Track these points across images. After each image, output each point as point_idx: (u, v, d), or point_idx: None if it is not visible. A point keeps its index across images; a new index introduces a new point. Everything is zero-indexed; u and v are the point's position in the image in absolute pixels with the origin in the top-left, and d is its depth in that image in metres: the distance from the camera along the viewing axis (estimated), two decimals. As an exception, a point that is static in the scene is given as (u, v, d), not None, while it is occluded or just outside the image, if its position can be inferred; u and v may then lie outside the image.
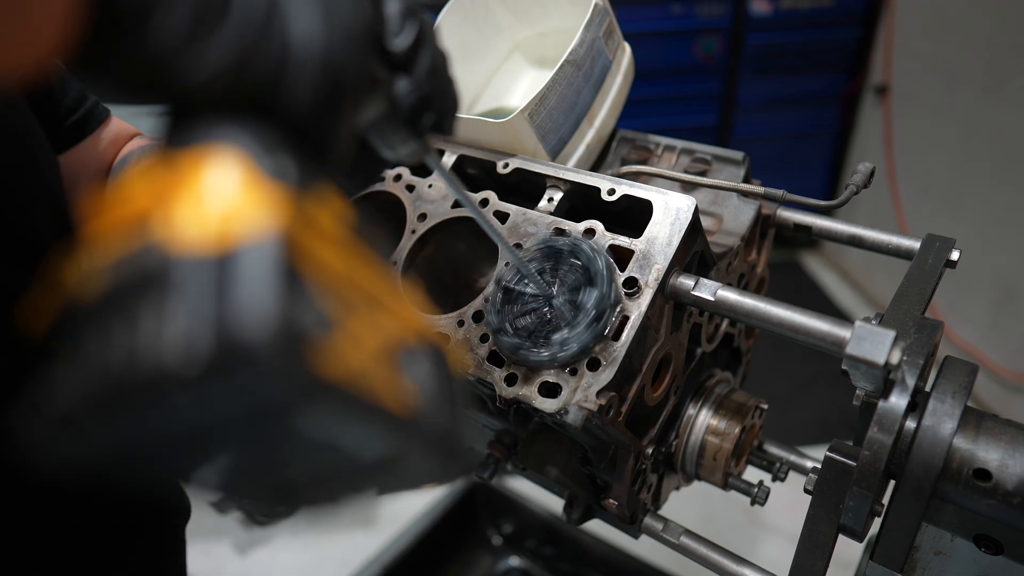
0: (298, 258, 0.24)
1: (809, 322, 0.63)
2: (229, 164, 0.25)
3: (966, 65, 2.52)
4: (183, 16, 0.26)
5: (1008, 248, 2.40)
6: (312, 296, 0.24)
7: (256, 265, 0.22)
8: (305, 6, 0.29)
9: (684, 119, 3.08)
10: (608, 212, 0.75)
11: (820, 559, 0.65)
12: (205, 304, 0.22)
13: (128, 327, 0.22)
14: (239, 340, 0.21)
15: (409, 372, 0.27)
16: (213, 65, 0.27)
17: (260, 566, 2.14)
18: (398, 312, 0.29)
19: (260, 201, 0.24)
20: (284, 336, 0.22)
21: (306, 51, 0.30)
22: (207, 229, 0.23)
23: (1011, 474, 0.57)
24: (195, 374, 0.21)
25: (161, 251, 0.23)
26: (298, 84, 0.30)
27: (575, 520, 0.82)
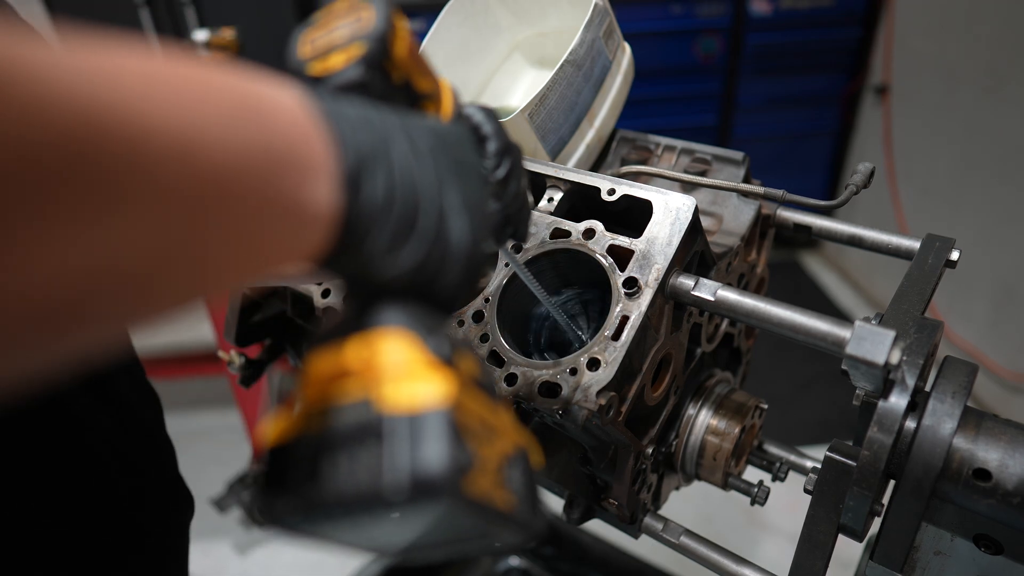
0: (459, 413, 0.34)
1: (809, 322, 0.63)
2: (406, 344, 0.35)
3: (966, 65, 2.52)
4: (387, 234, 0.36)
5: (1008, 248, 2.40)
6: (466, 439, 0.34)
7: (437, 425, 0.32)
8: (460, 215, 0.39)
9: (684, 119, 3.08)
10: (608, 212, 0.75)
11: (820, 559, 0.65)
12: (406, 451, 0.32)
13: (350, 461, 0.32)
14: (428, 479, 0.31)
15: (509, 479, 0.37)
16: (402, 267, 0.37)
17: (260, 566, 2.14)
18: (504, 430, 0.38)
19: (432, 375, 0.34)
20: (453, 474, 0.32)
21: (460, 247, 0.39)
22: (401, 394, 0.33)
23: (1011, 474, 0.57)
24: (400, 500, 0.31)
25: (374, 407, 0.33)
26: (452, 273, 0.39)
27: (575, 520, 0.82)
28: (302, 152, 0.33)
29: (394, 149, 0.37)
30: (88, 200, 0.24)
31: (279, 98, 0.34)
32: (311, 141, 0.33)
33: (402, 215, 0.37)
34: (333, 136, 0.35)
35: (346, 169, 0.34)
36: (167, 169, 0.27)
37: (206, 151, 0.28)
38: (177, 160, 0.27)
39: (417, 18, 2.53)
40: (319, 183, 0.33)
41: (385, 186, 0.36)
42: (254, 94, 0.32)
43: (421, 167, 0.38)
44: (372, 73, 0.41)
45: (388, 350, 0.35)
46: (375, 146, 0.36)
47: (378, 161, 0.36)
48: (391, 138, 0.37)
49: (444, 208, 0.39)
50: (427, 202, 0.38)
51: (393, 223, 0.36)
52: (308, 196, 0.33)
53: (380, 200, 0.36)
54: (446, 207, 0.39)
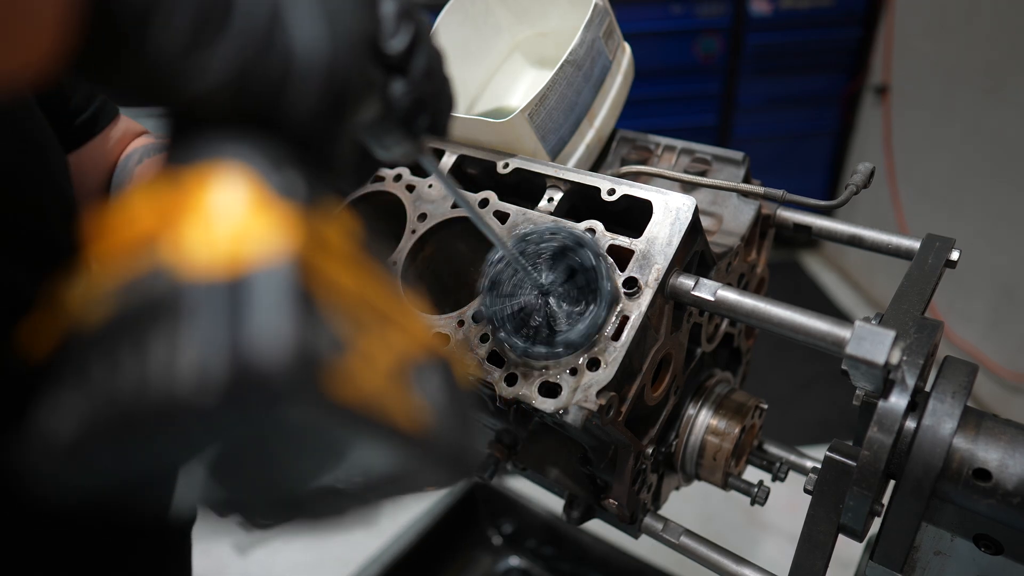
0: (311, 280, 0.23)
1: (809, 322, 0.63)
2: (237, 182, 0.24)
3: (966, 65, 2.52)
4: (182, 24, 0.26)
5: (1008, 248, 2.40)
6: (325, 318, 0.23)
7: (270, 290, 0.22)
8: (308, 13, 0.29)
9: (684, 119, 3.08)
10: (608, 212, 0.75)
11: (820, 559, 0.65)
12: (218, 331, 0.21)
13: (138, 354, 0.21)
14: (255, 368, 0.21)
15: (420, 388, 0.27)
16: (215, 75, 0.27)
17: (260, 566, 2.14)
18: (408, 327, 0.29)
19: (270, 221, 0.24)
20: (300, 362, 0.21)
21: (310, 60, 0.29)
22: (217, 252, 0.22)
23: (1011, 474, 0.57)
24: (210, 403, 0.21)
25: (170, 275, 0.22)
26: (302, 94, 0.29)
27: (575, 520, 0.82)
28: None
29: None
30: None
31: None
32: None
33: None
34: None
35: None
36: None
37: None
38: None
39: (417, 18, 2.53)
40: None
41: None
42: None
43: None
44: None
45: (202, 192, 0.24)
46: None
47: None
48: None
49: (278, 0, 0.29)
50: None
51: (189, 8, 0.26)
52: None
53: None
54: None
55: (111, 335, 0.22)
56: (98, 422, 0.21)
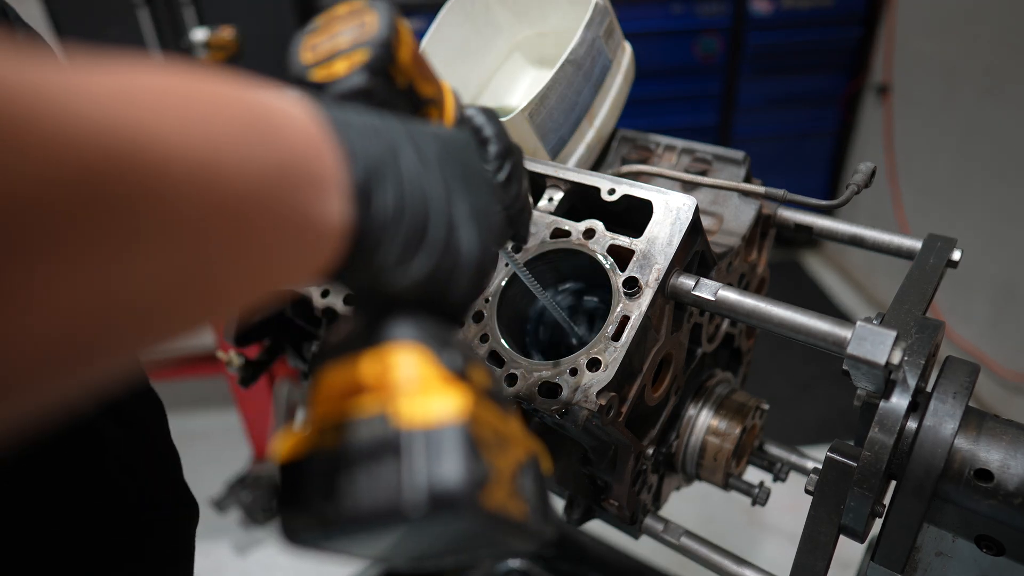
0: (475, 427, 0.34)
1: (810, 322, 0.62)
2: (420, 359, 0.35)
3: (966, 65, 2.52)
4: (398, 246, 0.36)
5: (1009, 248, 2.40)
6: (482, 452, 0.34)
7: (454, 440, 0.32)
8: (468, 224, 0.39)
9: (684, 119, 3.08)
10: (608, 212, 0.75)
11: (821, 560, 0.65)
12: (423, 466, 0.31)
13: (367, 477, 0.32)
14: (447, 493, 0.31)
15: (522, 488, 0.37)
16: (413, 279, 0.37)
17: (260, 566, 2.14)
18: (515, 439, 0.38)
19: (447, 389, 0.34)
20: (471, 489, 0.32)
21: (470, 259, 0.39)
22: (417, 409, 0.33)
23: (1012, 474, 0.57)
24: (419, 516, 0.31)
25: (391, 421, 0.33)
26: (462, 283, 0.39)
27: (575, 520, 0.82)
28: (314, 167, 0.32)
29: (402, 159, 0.37)
30: (107, 234, 0.23)
31: (287, 109, 0.33)
32: (322, 155, 0.33)
33: (412, 226, 0.36)
34: (343, 148, 0.34)
35: (357, 182, 0.34)
36: (186, 196, 0.25)
37: (224, 174, 0.27)
38: (196, 185, 0.26)
39: (417, 18, 2.53)
40: (331, 198, 0.33)
41: (395, 197, 0.35)
42: (263, 107, 0.31)
43: (429, 176, 0.38)
44: (376, 80, 0.41)
45: (402, 365, 0.35)
46: (383, 156, 0.36)
47: (387, 172, 0.35)
48: (398, 147, 0.37)
49: (453, 217, 0.38)
50: (436, 212, 0.37)
51: (404, 234, 0.36)
52: (320, 212, 0.32)
53: (391, 211, 0.35)
54: (455, 216, 0.38)
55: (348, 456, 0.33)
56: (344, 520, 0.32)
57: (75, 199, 0.22)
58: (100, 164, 0.23)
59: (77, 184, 0.22)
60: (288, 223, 0.31)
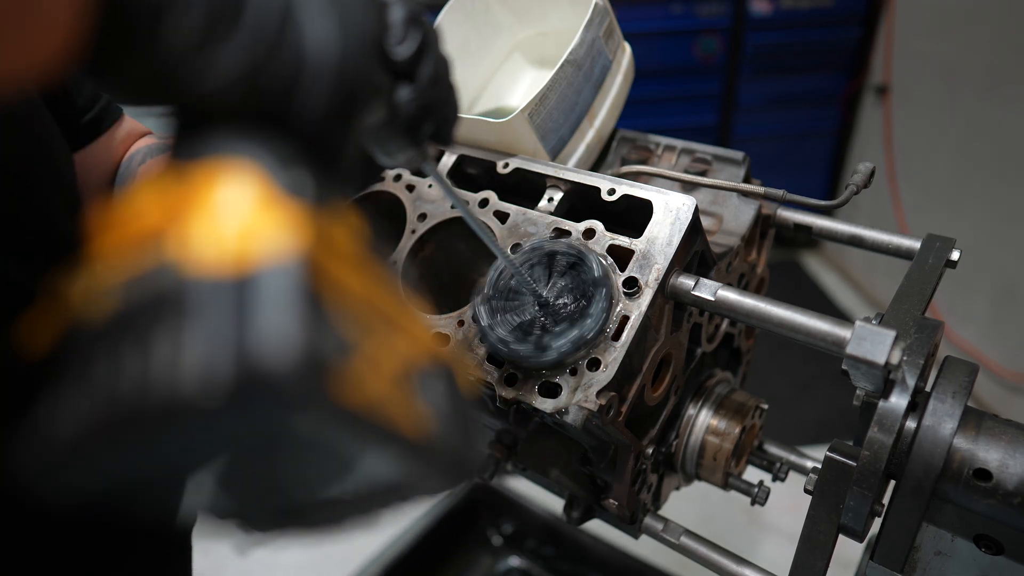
0: (319, 280, 0.23)
1: (809, 322, 0.63)
2: (245, 179, 0.24)
3: (966, 65, 2.52)
4: (194, 20, 0.26)
5: (1009, 248, 2.40)
6: (333, 320, 0.23)
7: (277, 289, 0.21)
8: (320, 13, 0.29)
9: (684, 119, 3.08)
10: (608, 212, 0.75)
11: (820, 559, 0.65)
12: (224, 330, 0.21)
13: (141, 352, 0.21)
14: (261, 369, 0.20)
15: (424, 394, 0.27)
16: (225, 72, 0.27)
17: (260, 566, 2.14)
18: (412, 331, 0.28)
19: (279, 220, 0.23)
20: (307, 365, 0.21)
21: (322, 59, 0.29)
22: (224, 249, 0.22)
23: (1011, 474, 0.57)
24: (214, 405, 0.20)
25: (176, 272, 0.22)
26: (312, 93, 0.29)
27: (575, 520, 0.82)
28: None
29: None
30: None
31: None
32: None
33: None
34: None
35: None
36: None
37: None
38: None
39: (417, 18, 2.53)
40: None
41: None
42: None
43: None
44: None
45: (207, 188, 0.24)
46: None
47: None
48: None
49: None
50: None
51: (199, 5, 0.26)
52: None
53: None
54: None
55: (114, 332, 0.22)
56: (99, 422, 0.21)
57: None
58: None
59: None
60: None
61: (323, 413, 0.21)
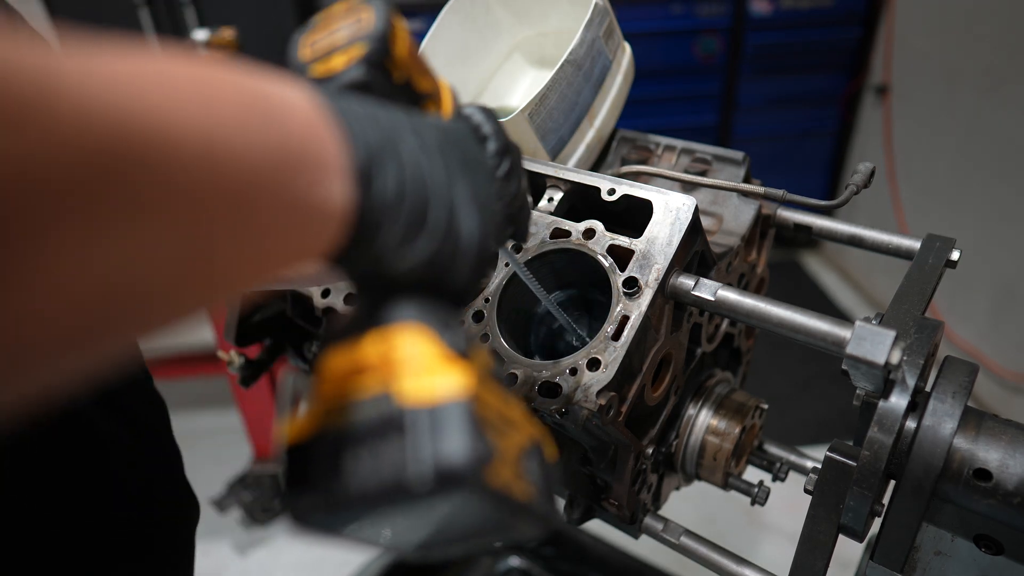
0: (477, 406, 0.34)
1: (809, 322, 0.63)
2: (423, 338, 0.36)
3: (966, 65, 2.52)
4: (398, 231, 0.36)
5: (1009, 248, 2.40)
6: (485, 431, 0.34)
7: (458, 417, 0.33)
8: (469, 210, 0.40)
9: (684, 119, 3.08)
10: (608, 212, 0.75)
11: (820, 559, 0.65)
12: (428, 442, 0.32)
13: (372, 455, 0.32)
14: (451, 469, 0.31)
15: (528, 470, 0.38)
16: (413, 262, 0.37)
17: (260, 566, 2.14)
18: (519, 423, 0.39)
19: (450, 368, 0.35)
20: (475, 465, 0.32)
21: (470, 244, 0.40)
22: (421, 387, 0.33)
23: (1011, 474, 0.57)
24: (424, 491, 0.31)
25: (394, 400, 0.33)
26: (463, 267, 0.40)
27: (575, 520, 0.82)
28: (315, 150, 0.33)
29: (402, 143, 0.37)
30: (115, 216, 0.24)
31: (289, 95, 0.33)
32: (323, 138, 0.33)
33: (413, 209, 0.37)
34: (343, 132, 0.35)
35: (358, 164, 0.34)
36: (193, 176, 0.26)
37: (228, 154, 0.28)
38: (202, 166, 0.26)
39: (417, 18, 2.53)
40: (332, 181, 0.33)
41: (396, 180, 0.36)
42: (264, 92, 0.32)
43: (430, 161, 0.38)
44: (374, 73, 0.41)
45: (405, 344, 0.35)
46: (384, 141, 0.36)
47: (388, 156, 0.36)
48: (399, 133, 0.38)
49: (454, 202, 0.39)
50: (437, 196, 0.38)
51: (404, 217, 0.36)
52: (322, 195, 0.33)
53: (391, 194, 0.36)
54: (456, 201, 0.39)
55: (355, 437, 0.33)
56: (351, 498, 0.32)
57: (89, 180, 0.23)
58: (114, 145, 0.23)
59: (91, 165, 0.23)
60: (289, 206, 0.31)
61: (483, 494, 0.33)
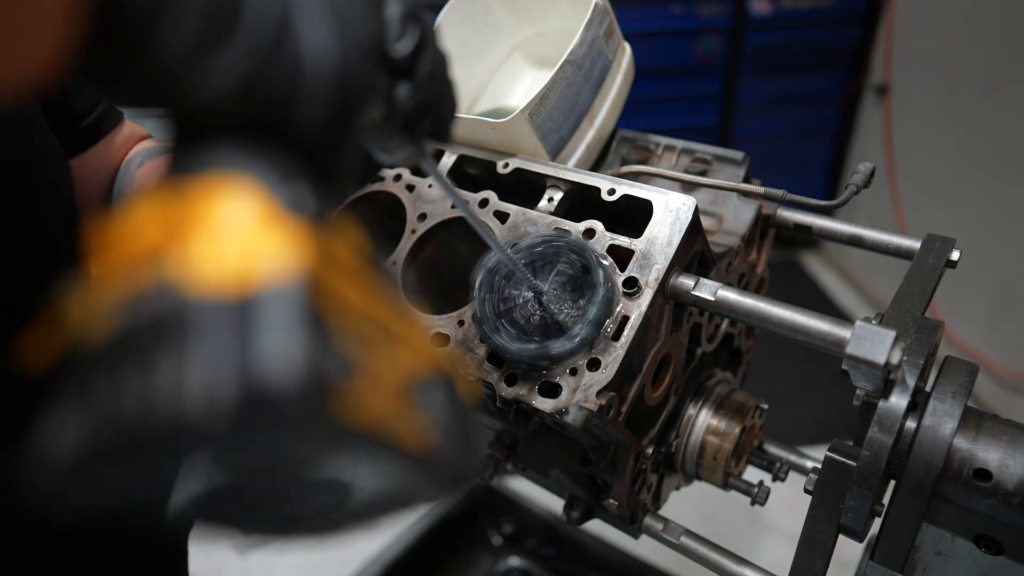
0: (320, 298, 0.23)
1: (809, 322, 0.63)
2: (244, 195, 0.23)
3: (966, 65, 2.52)
4: (190, 27, 0.25)
5: (1008, 248, 2.40)
6: (335, 338, 0.22)
7: (280, 309, 0.21)
8: (318, 18, 0.28)
9: (684, 119, 3.08)
10: (608, 212, 0.75)
11: (820, 559, 0.65)
12: (227, 352, 0.20)
13: (143, 373, 0.21)
14: (265, 392, 0.20)
15: (425, 406, 0.27)
16: (222, 81, 0.26)
17: (260, 566, 2.14)
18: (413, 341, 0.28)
19: (279, 237, 0.23)
20: (310, 386, 0.21)
21: (320, 67, 0.28)
22: (225, 269, 0.22)
23: (1011, 474, 0.57)
24: (218, 427, 0.20)
25: (177, 292, 0.22)
26: (310, 102, 0.29)
27: (575, 520, 0.82)
28: None
29: None
30: None
31: None
32: None
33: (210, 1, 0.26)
34: None
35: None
36: None
37: None
38: None
39: (417, 18, 2.53)
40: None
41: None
42: None
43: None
44: None
45: (207, 205, 0.23)
46: None
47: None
48: None
49: (288, 3, 0.28)
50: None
51: (195, 11, 0.25)
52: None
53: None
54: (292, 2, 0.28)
55: (115, 352, 0.22)
56: (101, 442, 0.21)
57: None
58: None
59: None
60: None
61: (326, 432, 0.21)
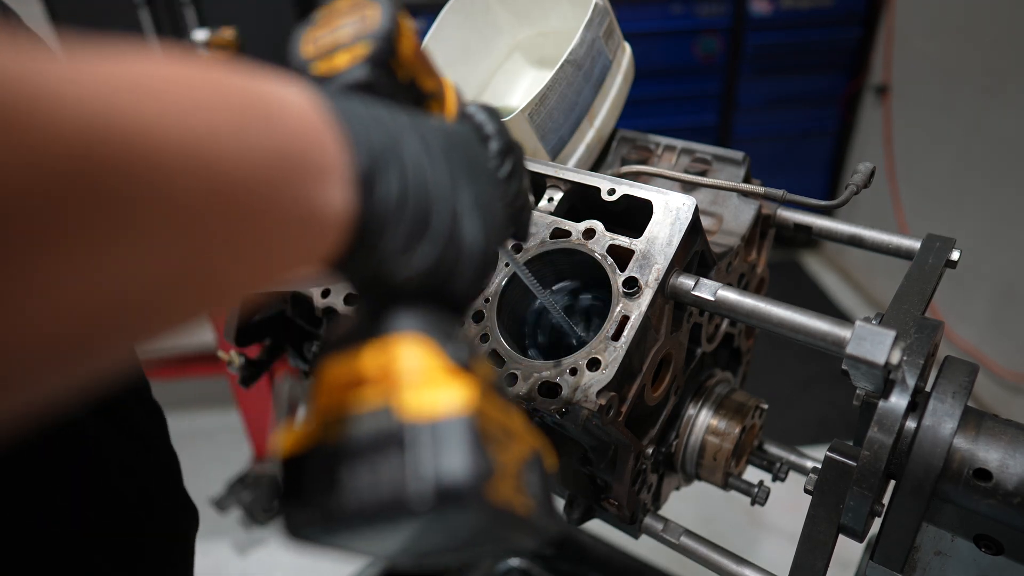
0: (480, 420, 0.34)
1: (809, 322, 0.63)
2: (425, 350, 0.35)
3: (966, 65, 2.52)
4: (401, 237, 0.35)
5: (1008, 248, 2.40)
6: (487, 446, 0.33)
7: (459, 432, 0.32)
8: (473, 215, 0.39)
9: (684, 119, 3.08)
10: (608, 212, 0.75)
11: (820, 559, 0.65)
12: (429, 459, 0.31)
13: (371, 471, 0.32)
14: (452, 487, 0.31)
15: (527, 484, 0.37)
16: (416, 269, 0.37)
17: (260, 566, 2.14)
18: (520, 435, 0.38)
19: (452, 381, 0.34)
20: (476, 482, 0.31)
21: (473, 251, 0.39)
22: (423, 402, 0.33)
23: (1011, 474, 0.57)
24: (424, 509, 0.30)
25: (394, 414, 0.32)
26: (465, 274, 0.39)
27: (575, 520, 0.82)
28: (315, 155, 0.32)
29: (406, 148, 0.36)
30: (103, 226, 0.23)
31: (288, 98, 0.32)
32: (324, 142, 0.32)
33: (416, 215, 0.36)
34: (345, 136, 0.34)
35: (359, 169, 0.33)
36: (183, 185, 0.25)
37: (221, 162, 0.27)
38: (193, 174, 0.25)
39: (417, 18, 2.53)
40: (333, 186, 0.32)
41: (399, 185, 0.35)
42: (262, 95, 0.31)
43: (434, 166, 0.37)
44: (378, 72, 0.40)
45: (406, 356, 0.34)
46: (387, 145, 0.35)
47: (391, 160, 0.35)
48: (402, 137, 0.37)
49: (457, 208, 0.38)
50: (440, 202, 0.37)
51: (407, 223, 0.35)
52: (322, 200, 0.32)
53: (394, 200, 0.35)
54: (459, 207, 0.38)
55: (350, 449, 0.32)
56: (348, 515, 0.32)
57: (69, 189, 0.22)
58: (95, 152, 0.22)
59: (71, 174, 0.22)
60: (289, 212, 0.30)
61: (482, 510, 0.32)
